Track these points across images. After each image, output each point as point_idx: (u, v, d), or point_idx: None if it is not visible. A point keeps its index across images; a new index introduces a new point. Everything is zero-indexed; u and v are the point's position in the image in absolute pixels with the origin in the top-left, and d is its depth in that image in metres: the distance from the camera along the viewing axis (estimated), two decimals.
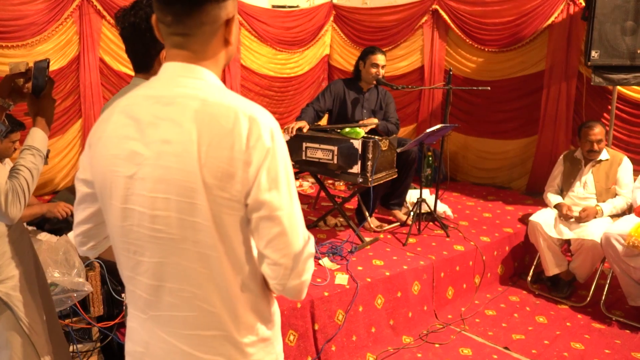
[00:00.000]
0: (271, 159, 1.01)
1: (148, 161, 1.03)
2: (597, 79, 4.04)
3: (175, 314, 1.09)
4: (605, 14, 3.87)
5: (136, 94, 1.10)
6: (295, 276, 1.07)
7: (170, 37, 1.07)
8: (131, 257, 1.11)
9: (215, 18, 1.05)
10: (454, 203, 4.76)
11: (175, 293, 1.08)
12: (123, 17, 1.74)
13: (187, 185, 1.00)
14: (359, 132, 3.49)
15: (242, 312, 1.10)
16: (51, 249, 2.57)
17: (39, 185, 4.42)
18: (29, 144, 1.70)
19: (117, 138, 1.07)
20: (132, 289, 1.14)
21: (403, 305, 3.28)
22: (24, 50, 4.13)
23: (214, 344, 1.10)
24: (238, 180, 1.00)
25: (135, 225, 1.07)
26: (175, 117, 1.02)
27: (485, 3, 5.13)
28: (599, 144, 3.71)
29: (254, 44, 5.62)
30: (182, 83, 1.05)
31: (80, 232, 1.25)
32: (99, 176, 1.11)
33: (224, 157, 0.99)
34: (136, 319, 1.17)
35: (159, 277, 1.08)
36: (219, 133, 0.99)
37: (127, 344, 1.22)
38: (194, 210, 1.01)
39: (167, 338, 1.11)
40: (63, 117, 4.49)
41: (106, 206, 1.12)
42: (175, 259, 1.05)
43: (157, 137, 1.02)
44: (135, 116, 1.06)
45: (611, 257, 3.36)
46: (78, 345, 2.68)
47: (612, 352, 3.07)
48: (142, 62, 1.80)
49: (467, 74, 5.40)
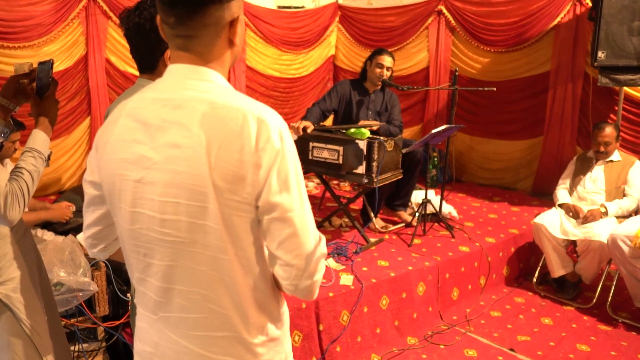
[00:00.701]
0: (281, 160, 1.01)
1: (157, 165, 1.03)
2: (603, 79, 4.03)
3: (185, 316, 1.09)
4: (612, 14, 3.85)
5: (143, 96, 1.09)
6: (308, 276, 1.07)
7: (174, 39, 1.07)
8: (141, 259, 1.11)
9: (219, 19, 1.04)
10: (459, 204, 4.75)
11: (185, 295, 1.08)
12: (127, 18, 1.74)
13: (197, 189, 1.00)
14: (364, 132, 3.49)
15: (252, 312, 1.10)
16: (57, 249, 2.58)
17: (45, 185, 4.44)
18: (30, 145, 1.69)
19: (125, 142, 1.07)
20: (143, 290, 1.14)
21: (408, 306, 3.27)
22: (30, 50, 4.15)
23: (224, 345, 1.10)
24: (248, 182, 1.00)
25: (145, 228, 1.06)
26: (183, 120, 1.01)
27: (491, 3, 5.12)
28: (606, 146, 3.70)
29: (259, 44, 5.63)
30: (190, 85, 1.05)
31: (90, 235, 1.25)
32: (107, 179, 1.11)
33: (233, 160, 0.99)
34: (146, 320, 1.17)
35: (169, 280, 1.08)
36: (227, 136, 0.99)
37: (136, 343, 1.22)
38: (204, 213, 1.01)
39: (176, 339, 1.11)
40: (69, 117, 4.51)
41: (115, 209, 1.12)
42: (185, 262, 1.05)
43: (166, 141, 1.02)
44: (144, 120, 1.05)
45: (617, 258, 3.34)
46: (83, 345, 2.69)
47: (618, 354, 3.06)
48: (146, 63, 1.80)
49: (473, 75, 5.39)
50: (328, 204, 4.59)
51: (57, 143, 4.44)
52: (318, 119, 3.96)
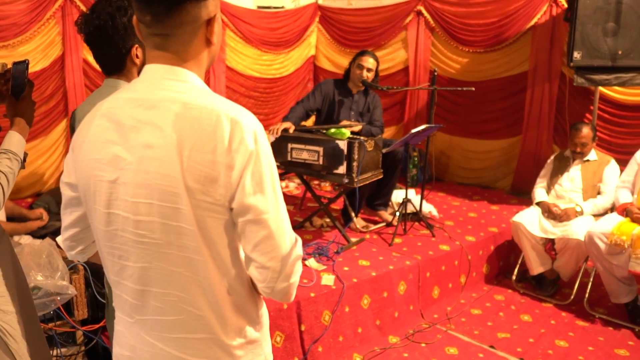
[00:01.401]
0: (255, 162, 1.00)
1: (130, 166, 1.02)
2: (579, 79, 4.09)
3: (161, 318, 1.09)
4: (587, 15, 3.91)
5: (118, 97, 1.08)
6: (284, 279, 1.06)
7: (150, 38, 1.06)
8: (116, 261, 1.10)
9: (196, 17, 1.03)
10: (440, 203, 4.78)
11: (160, 297, 1.07)
12: (86, 23, 1.69)
13: (169, 190, 0.99)
14: (344, 132, 3.49)
15: (229, 314, 1.09)
16: (34, 252, 2.54)
17: (22, 187, 4.36)
18: (5, 147, 1.66)
19: (99, 142, 1.06)
20: (119, 293, 1.14)
21: (389, 305, 3.29)
22: (5, 51, 4.07)
23: (202, 347, 1.09)
24: (221, 184, 0.99)
25: (120, 230, 1.06)
26: (156, 120, 1.00)
27: (469, 4, 5.17)
28: (583, 147, 3.76)
29: (239, 45, 5.60)
30: (166, 86, 1.04)
31: (68, 237, 1.24)
32: (82, 180, 1.10)
33: (206, 161, 0.98)
34: (123, 323, 1.16)
35: (144, 282, 1.07)
36: (200, 137, 0.98)
37: (114, 347, 1.21)
38: (177, 215, 1.00)
39: (153, 342, 1.10)
40: (46, 118, 4.44)
41: (90, 210, 1.11)
42: (160, 263, 1.05)
43: (139, 142, 1.01)
44: (117, 120, 1.05)
45: (594, 255, 3.40)
46: (62, 349, 2.65)
47: (595, 349, 3.11)
48: (114, 64, 1.75)
49: (452, 75, 5.43)
50: (309, 204, 4.59)
51: (34, 145, 4.36)
52: (301, 118, 3.96)
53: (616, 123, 4.53)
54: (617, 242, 3.23)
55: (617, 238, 3.23)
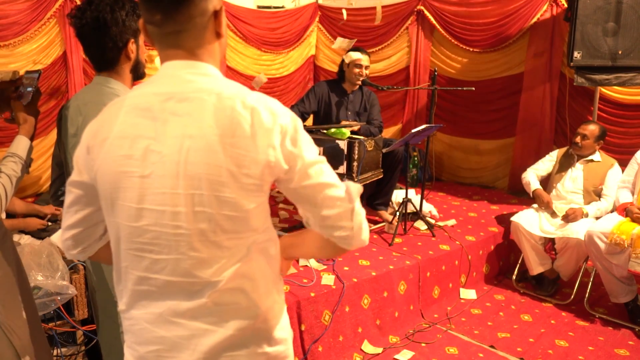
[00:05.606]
0: (291, 133, 1.06)
1: (166, 158, 1.02)
2: (579, 79, 4.09)
3: (197, 306, 1.09)
4: (587, 15, 3.91)
5: (142, 92, 1.09)
6: (357, 214, 1.10)
7: (162, 38, 1.08)
8: (146, 256, 1.08)
9: (204, 10, 1.06)
10: (440, 203, 4.78)
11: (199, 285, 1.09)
12: (82, 14, 1.68)
13: (212, 178, 1.01)
14: (344, 132, 3.49)
15: (264, 299, 1.13)
16: (34, 252, 2.54)
17: (23, 187, 4.36)
18: (12, 151, 1.68)
19: (128, 138, 1.05)
20: (146, 287, 1.11)
21: (389, 305, 3.29)
22: (6, 50, 4.08)
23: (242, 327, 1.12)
24: (264, 164, 1.03)
25: (152, 224, 1.05)
26: (193, 112, 1.02)
27: (470, 4, 5.17)
28: (582, 139, 3.78)
29: (239, 45, 5.60)
30: (192, 79, 1.06)
31: (70, 236, 1.22)
32: (105, 177, 1.08)
33: (247, 146, 1.01)
34: (146, 318, 1.13)
35: (179, 273, 1.07)
36: (240, 124, 1.01)
37: (135, 349, 1.17)
38: (220, 202, 1.02)
39: (188, 323, 1.10)
40: (46, 118, 4.44)
41: (114, 208, 1.09)
42: (195, 253, 1.05)
43: (177, 133, 1.02)
44: (149, 114, 1.05)
45: (594, 255, 3.40)
46: (62, 349, 2.65)
47: (595, 348, 3.11)
48: (108, 57, 1.74)
49: (452, 75, 5.43)
50: None
51: (35, 144, 4.27)
52: None
53: (616, 123, 4.53)
54: (617, 242, 3.23)
55: (617, 237, 3.24)
